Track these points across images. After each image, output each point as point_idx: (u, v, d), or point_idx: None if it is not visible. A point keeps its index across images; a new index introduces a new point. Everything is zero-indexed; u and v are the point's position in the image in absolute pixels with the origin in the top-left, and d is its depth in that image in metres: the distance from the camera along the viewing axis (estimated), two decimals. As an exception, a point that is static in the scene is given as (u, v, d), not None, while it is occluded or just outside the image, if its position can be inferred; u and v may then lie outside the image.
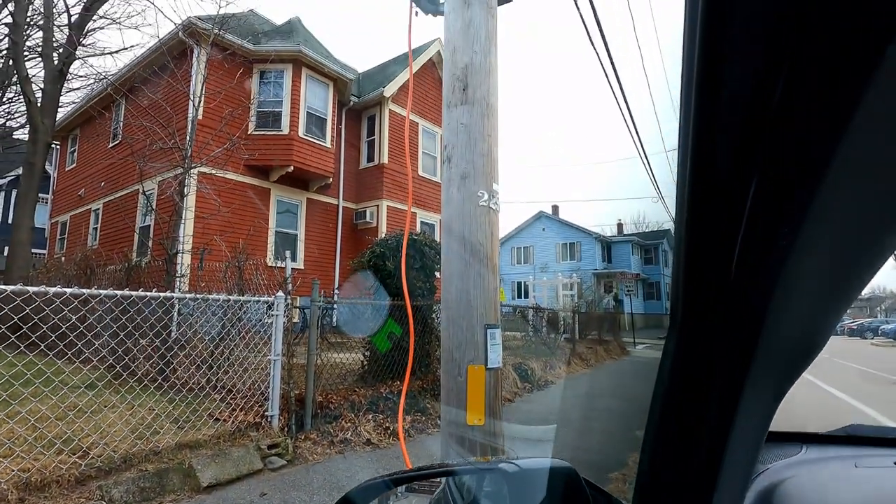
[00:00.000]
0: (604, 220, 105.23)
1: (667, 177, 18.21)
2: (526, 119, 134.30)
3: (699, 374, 0.52)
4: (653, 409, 0.59)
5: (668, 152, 17.50)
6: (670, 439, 0.57)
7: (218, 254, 8.67)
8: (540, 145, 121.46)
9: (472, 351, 2.32)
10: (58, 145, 17.84)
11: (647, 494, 0.60)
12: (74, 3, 12.54)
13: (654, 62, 24.66)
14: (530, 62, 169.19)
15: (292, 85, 12.24)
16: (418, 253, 6.97)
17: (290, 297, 5.24)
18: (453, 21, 2.59)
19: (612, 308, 21.36)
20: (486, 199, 2.46)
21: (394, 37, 69.67)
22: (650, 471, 0.60)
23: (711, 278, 0.45)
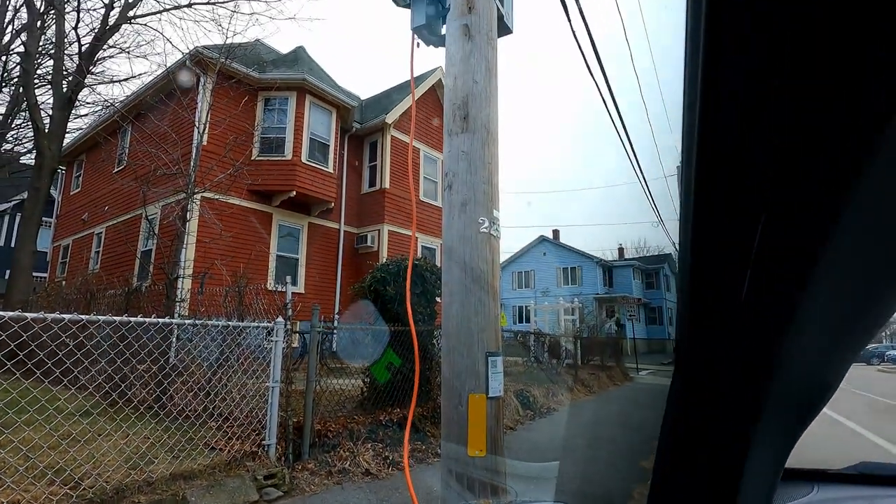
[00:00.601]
0: (605, 244, 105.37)
1: (666, 201, 18.30)
2: (526, 144, 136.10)
3: (707, 417, 0.50)
4: (660, 450, 0.57)
5: (667, 177, 17.61)
6: (679, 484, 0.55)
7: (219, 278, 8.66)
8: (540, 170, 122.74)
9: (473, 379, 2.28)
10: (63, 170, 18.05)
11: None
12: (86, 34, 12.89)
13: (652, 86, 25.11)
14: (530, 89, 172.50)
15: (296, 112, 12.45)
16: (419, 278, 6.95)
17: (290, 323, 5.21)
18: (454, 52, 2.65)
19: (614, 333, 21.17)
20: (487, 226, 2.47)
21: (397, 65, 71.82)
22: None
23: (717, 319, 0.44)
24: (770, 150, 0.39)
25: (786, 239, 0.39)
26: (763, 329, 0.43)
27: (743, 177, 0.41)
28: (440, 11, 2.99)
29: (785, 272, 0.40)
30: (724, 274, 0.45)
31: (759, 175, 0.40)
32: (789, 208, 0.39)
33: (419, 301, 6.94)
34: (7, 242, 23.84)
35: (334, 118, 13.42)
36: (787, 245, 0.40)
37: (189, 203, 7.33)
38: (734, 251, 0.43)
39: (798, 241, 0.39)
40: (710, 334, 0.49)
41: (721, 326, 0.46)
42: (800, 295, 0.41)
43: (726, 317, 0.45)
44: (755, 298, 0.42)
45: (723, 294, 0.44)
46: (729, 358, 0.47)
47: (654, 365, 23.05)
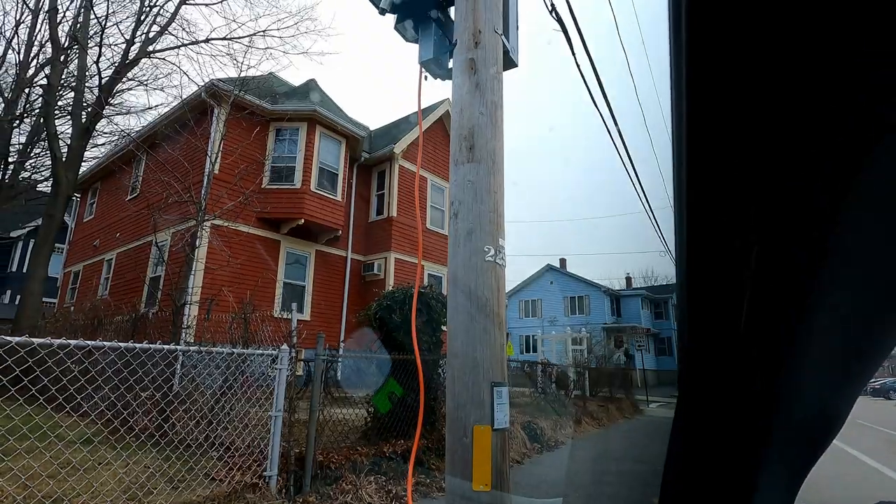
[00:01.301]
0: (612, 273, 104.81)
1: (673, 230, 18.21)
2: (532, 173, 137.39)
3: (712, 451, 0.49)
4: (665, 484, 0.56)
5: (672, 207, 17.63)
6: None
7: (225, 305, 8.68)
8: (546, 198, 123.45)
9: (479, 410, 2.24)
10: (78, 197, 18.42)
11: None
12: (106, 67, 13.37)
13: (656, 116, 25.44)
14: (536, 120, 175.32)
15: (306, 142, 12.71)
16: (424, 306, 6.92)
17: (294, 350, 5.18)
18: (461, 85, 2.71)
19: (623, 364, 20.81)
20: (493, 255, 2.47)
21: (406, 95, 73.53)
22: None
23: (716, 352, 0.44)
24: (758, 183, 0.40)
25: (780, 270, 0.39)
26: (763, 361, 0.43)
27: (733, 210, 0.42)
28: (447, 46, 3.08)
29: (782, 304, 0.40)
30: (721, 306, 0.45)
31: (749, 207, 0.41)
32: (781, 240, 0.39)
33: (424, 329, 6.89)
34: (20, 267, 24.14)
35: (344, 148, 13.67)
36: (783, 276, 0.40)
37: (199, 230, 7.42)
38: (729, 284, 0.43)
39: (793, 273, 0.39)
40: (710, 367, 0.48)
41: (721, 359, 0.46)
42: (799, 326, 0.41)
43: (726, 349, 0.45)
44: (754, 331, 0.41)
45: (721, 326, 0.44)
46: (731, 390, 0.46)
47: (665, 397, 22.52)
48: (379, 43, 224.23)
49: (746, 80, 0.39)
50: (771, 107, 0.39)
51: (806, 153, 0.37)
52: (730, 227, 0.42)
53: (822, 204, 0.37)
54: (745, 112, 0.40)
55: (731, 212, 0.42)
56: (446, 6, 3.19)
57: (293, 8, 22.11)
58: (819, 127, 0.37)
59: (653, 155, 14.05)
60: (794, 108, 0.37)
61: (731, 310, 0.43)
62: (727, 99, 0.40)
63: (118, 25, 13.77)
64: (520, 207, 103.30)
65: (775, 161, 0.39)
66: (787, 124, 0.38)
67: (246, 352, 5.21)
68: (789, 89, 0.37)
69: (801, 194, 0.38)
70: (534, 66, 29.47)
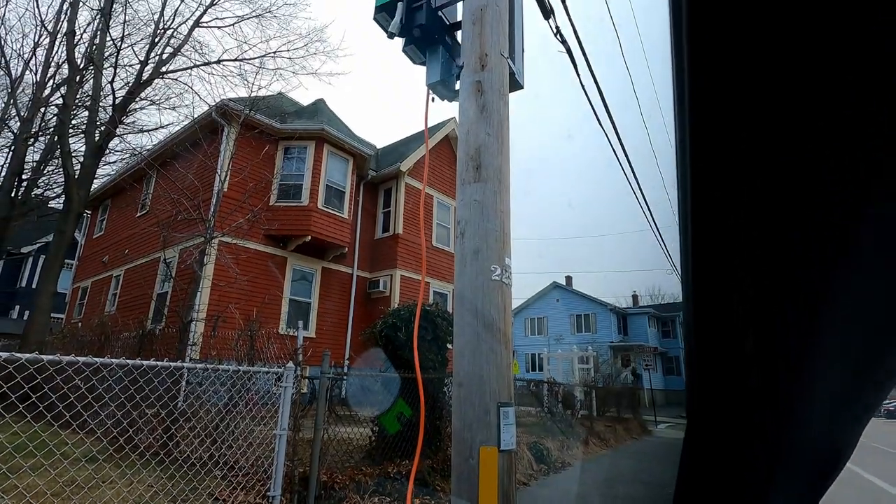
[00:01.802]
0: (618, 291, 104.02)
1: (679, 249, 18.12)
2: (538, 191, 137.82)
3: (721, 474, 0.49)
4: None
5: (678, 225, 17.57)
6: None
7: (232, 322, 8.71)
8: (552, 216, 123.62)
9: (485, 431, 2.23)
10: (89, 214, 18.67)
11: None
12: (120, 87, 13.69)
13: (661, 133, 25.53)
14: (542, 139, 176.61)
15: (314, 160, 12.87)
16: (430, 324, 6.90)
17: (300, 368, 5.17)
18: (467, 106, 2.76)
19: (630, 383, 20.52)
20: (499, 274, 2.48)
21: (413, 113, 74.68)
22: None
23: (723, 375, 0.44)
24: (763, 203, 0.41)
25: (787, 292, 0.40)
26: (772, 385, 0.44)
27: (737, 230, 0.43)
28: (454, 69, 3.14)
29: (789, 326, 0.41)
30: (727, 330, 0.45)
31: (754, 228, 0.42)
32: (788, 261, 0.40)
33: (430, 348, 6.86)
34: (29, 283, 24.38)
35: (351, 166, 13.81)
36: (789, 298, 0.41)
37: (207, 247, 7.49)
38: (735, 306, 0.44)
39: (799, 295, 0.40)
40: (718, 393, 0.49)
41: (728, 385, 0.46)
42: (807, 350, 0.41)
43: (733, 372, 0.46)
44: (760, 355, 0.42)
45: (728, 351, 0.45)
46: (739, 417, 0.46)
47: (673, 418, 22.14)
48: (387, 63, 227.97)
49: (750, 97, 0.40)
50: (775, 126, 0.40)
51: (814, 171, 0.38)
52: (734, 248, 0.43)
53: (831, 226, 0.38)
54: (749, 131, 0.41)
55: (735, 232, 0.43)
56: (453, 30, 3.26)
57: (303, 30, 22.68)
58: (830, 143, 0.38)
59: (658, 172, 14.07)
60: (800, 127, 0.38)
61: (737, 334, 0.44)
62: (730, 118, 0.42)
63: (133, 47, 14.14)
64: (525, 224, 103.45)
65: (782, 181, 0.40)
66: (793, 144, 0.39)
67: (252, 369, 5.20)
68: (790, 108, 0.39)
69: (810, 214, 0.39)
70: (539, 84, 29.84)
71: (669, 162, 2.46)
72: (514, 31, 3.16)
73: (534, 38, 4.40)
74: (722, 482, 0.50)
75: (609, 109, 5.93)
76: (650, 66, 12.85)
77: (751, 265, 0.42)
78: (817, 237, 0.40)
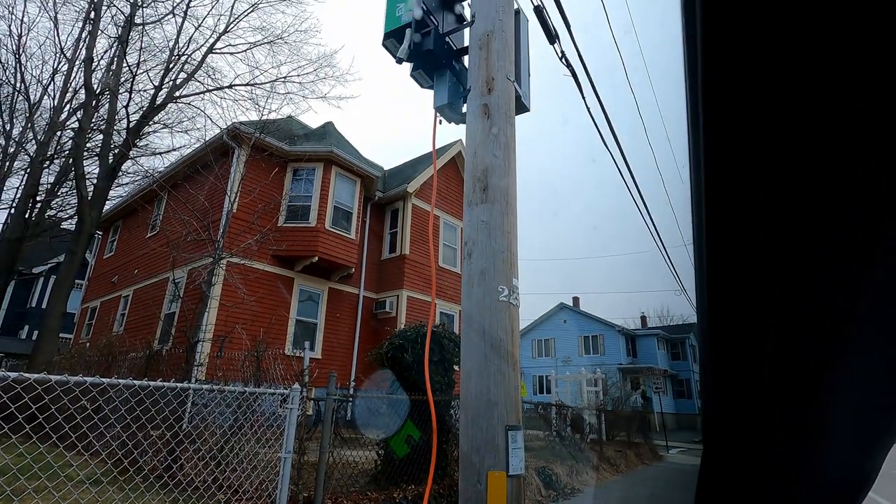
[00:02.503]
0: (626, 312, 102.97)
1: (688, 269, 18.05)
2: (544, 212, 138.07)
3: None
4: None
5: (686, 245, 17.51)
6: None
7: (238, 342, 8.70)
8: (558, 236, 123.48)
9: (493, 455, 2.19)
10: (100, 234, 18.92)
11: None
12: (134, 111, 14.02)
13: (667, 156, 25.64)
14: (549, 160, 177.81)
15: (322, 181, 13.02)
16: (437, 345, 6.85)
17: (305, 389, 5.13)
18: (474, 129, 2.80)
19: (640, 407, 20.15)
20: (506, 295, 2.47)
21: (420, 133, 75.34)
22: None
23: (740, 405, 0.43)
24: (781, 227, 0.41)
25: (803, 320, 0.40)
26: (792, 412, 0.43)
27: (754, 254, 0.43)
28: (461, 92, 3.20)
29: (806, 354, 0.41)
30: (744, 353, 0.45)
31: (773, 251, 0.42)
32: (803, 285, 0.40)
33: (436, 369, 6.80)
34: (39, 304, 24.58)
35: (358, 187, 13.95)
36: (805, 327, 0.40)
37: (215, 268, 7.54)
38: (752, 332, 0.43)
39: (823, 314, 0.40)
40: (735, 416, 0.48)
41: (746, 409, 0.45)
42: (829, 374, 0.41)
43: (751, 399, 0.45)
44: (778, 385, 0.41)
45: (744, 379, 0.44)
46: (756, 447, 0.45)
47: (685, 443, 21.63)
48: (394, 86, 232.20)
49: (764, 104, 0.40)
50: (792, 131, 0.40)
51: (831, 176, 0.38)
52: (753, 262, 0.43)
53: (850, 247, 0.38)
54: (764, 137, 0.41)
55: (753, 243, 0.43)
56: (460, 55, 3.33)
57: (313, 56, 23.27)
58: (847, 149, 0.38)
59: (664, 193, 14.08)
60: (817, 132, 0.38)
61: (755, 357, 0.43)
62: (745, 136, 0.42)
63: (148, 73, 14.54)
64: (532, 245, 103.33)
65: (801, 204, 0.40)
66: (809, 151, 0.39)
67: (257, 391, 5.17)
68: (805, 114, 0.39)
69: (828, 237, 0.39)
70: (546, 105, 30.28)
71: (676, 182, 2.46)
72: (521, 55, 3.22)
73: (543, 60, 4.47)
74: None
75: (614, 131, 5.98)
76: (654, 89, 13.00)
77: (770, 279, 0.42)
78: (840, 255, 0.39)
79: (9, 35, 15.66)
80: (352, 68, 53.23)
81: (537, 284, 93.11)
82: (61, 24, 14.44)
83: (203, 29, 14.16)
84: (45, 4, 14.55)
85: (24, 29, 15.51)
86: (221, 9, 18.89)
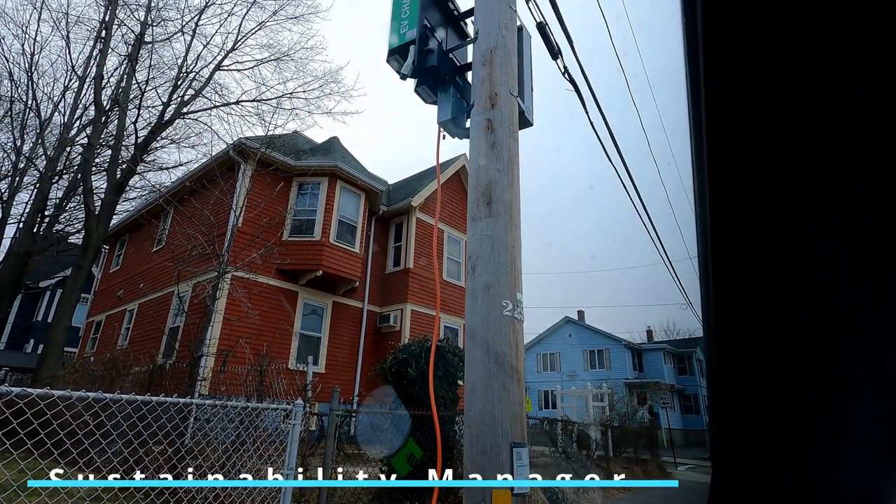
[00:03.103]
0: (632, 326, 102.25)
1: (694, 283, 17.92)
2: (548, 225, 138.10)
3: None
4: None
5: (692, 258, 17.44)
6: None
7: (241, 356, 8.67)
8: (562, 250, 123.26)
9: (497, 473, 2.15)
10: (106, 248, 19.04)
11: None
12: (142, 127, 14.22)
13: (670, 168, 25.67)
14: (552, 174, 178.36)
15: (327, 196, 13.09)
16: (441, 360, 6.81)
17: (309, 405, 5.09)
18: (478, 144, 2.81)
19: (647, 422, 19.86)
20: (511, 309, 2.45)
21: (424, 150, 76.41)
22: None
23: (751, 429, 0.42)
24: (787, 243, 0.40)
25: (815, 343, 0.39)
26: (802, 438, 0.41)
27: (760, 266, 0.42)
28: (464, 107, 3.22)
29: (818, 380, 0.39)
30: (753, 371, 0.44)
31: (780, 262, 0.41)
32: (813, 295, 0.39)
33: (440, 384, 6.74)
34: (45, 317, 24.66)
35: (363, 201, 14.02)
36: (826, 329, 0.39)
37: (220, 282, 7.56)
38: (761, 345, 0.42)
39: (838, 328, 0.39)
40: (745, 436, 0.46)
41: (757, 431, 0.44)
42: (842, 396, 0.39)
43: (762, 419, 0.44)
44: (791, 413, 0.40)
45: (756, 391, 0.43)
46: (768, 469, 0.44)
47: (694, 459, 21.25)
48: (398, 98, 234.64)
49: (766, 122, 0.40)
50: (796, 151, 0.39)
51: (838, 200, 0.37)
52: (757, 283, 0.42)
53: (859, 255, 0.37)
54: (768, 157, 0.40)
55: (758, 268, 0.42)
56: (464, 71, 3.36)
57: (319, 72, 23.72)
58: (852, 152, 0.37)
59: (669, 206, 14.07)
60: (820, 150, 0.38)
61: (764, 376, 0.42)
62: (748, 144, 0.41)
63: (156, 89, 14.78)
64: (536, 259, 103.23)
65: (809, 212, 0.39)
66: (814, 169, 0.39)
67: (260, 406, 5.13)
68: (807, 134, 0.38)
69: (837, 245, 0.38)
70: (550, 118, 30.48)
71: (680, 194, 2.43)
72: (524, 70, 3.25)
73: (546, 74, 4.52)
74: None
75: (617, 144, 5.99)
76: (658, 103, 13.07)
77: (778, 289, 0.41)
78: (850, 254, 0.38)
79: (22, 53, 15.99)
80: (357, 84, 53.84)
81: (542, 298, 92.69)
82: (73, 43, 14.76)
83: (211, 47, 14.42)
84: (57, 24, 14.89)
85: (36, 48, 15.83)
86: (229, 27, 19.36)
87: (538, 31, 3.81)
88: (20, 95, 16.64)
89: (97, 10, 14.96)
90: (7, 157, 18.61)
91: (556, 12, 3.87)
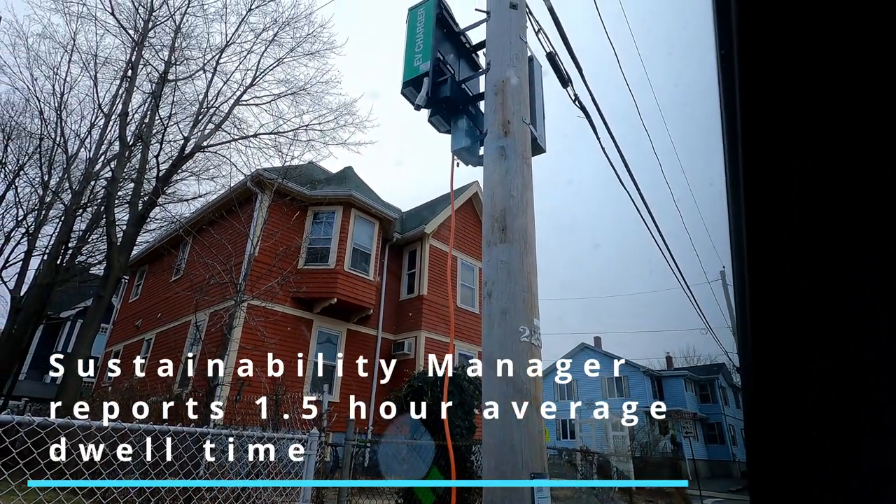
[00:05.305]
0: (649, 352, 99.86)
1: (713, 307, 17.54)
2: (564, 251, 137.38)
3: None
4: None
5: (710, 283, 17.04)
6: None
7: (257, 385, 8.66)
8: (578, 276, 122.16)
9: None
10: (126, 278, 19.40)
11: None
12: (163, 161, 14.66)
13: (684, 190, 25.50)
14: (566, 199, 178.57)
15: (341, 224, 13.26)
16: (457, 388, 6.71)
17: (323, 435, 5.04)
18: (492, 171, 2.85)
19: (670, 452, 19.17)
20: (528, 335, 2.43)
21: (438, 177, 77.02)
22: None
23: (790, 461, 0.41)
24: (829, 270, 0.40)
25: (858, 385, 0.38)
26: (843, 479, 0.40)
27: (804, 291, 0.42)
28: (477, 135, 3.28)
29: (858, 410, 0.38)
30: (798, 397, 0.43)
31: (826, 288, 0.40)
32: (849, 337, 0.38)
33: (456, 413, 6.63)
34: (65, 348, 24.99)
35: (377, 229, 14.16)
36: (859, 394, 0.38)
37: (236, 310, 7.63)
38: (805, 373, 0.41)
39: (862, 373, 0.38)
40: (787, 471, 0.45)
41: (800, 464, 0.43)
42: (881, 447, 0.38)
43: (806, 452, 0.42)
44: (830, 442, 0.39)
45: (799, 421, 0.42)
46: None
47: (721, 492, 20.36)
48: (412, 127, 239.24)
49: (818, 125, 0.40)
50: (846, 156, 0.39)
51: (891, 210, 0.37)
52: (800, 313, 0.41)
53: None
54: (812, 162, 0.40)
55: (801, 293, 0.41)
56: (476, 101, 3.44)
57: (334, 105, 24.42)
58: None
59: (685, 231, 13.93)
60: (874, 156, 0.38)
61: (813, 401, 0.41)
62: (790, 149, 0.41)
63: (178, 124, 15.29)
64: (553, 284, 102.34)
65: (860, 218, 0.39)
66: (868, 177, 0.38)
67: (276, 436, 5.10)
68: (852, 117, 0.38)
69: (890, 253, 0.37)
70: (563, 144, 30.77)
71: (696, 220, 2.43)
72: (535, 98, 3.31)
73: (560, 100, 4.59)
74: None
75: (630, 169, 6.01)
76: (668, 126, 13.11)
77: (822, 328, 0.40)
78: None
79: (52, 93, 16.66)
80: (371, 115, 55.22)
81: (558, 324, 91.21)
82: (100, 83, 15.39)
83: (231, 83, 14.98)
84: (86, 65, 15.59)
85: (66, 87, 16.56)
86: (248, 64, 20.16)
87: (548, 61, 3.89)
88: (49, 133, 17.35)
89: (124, 51, 15.65)
90: (35, 192, 19.30)
91: (565, 43, 3.96)
